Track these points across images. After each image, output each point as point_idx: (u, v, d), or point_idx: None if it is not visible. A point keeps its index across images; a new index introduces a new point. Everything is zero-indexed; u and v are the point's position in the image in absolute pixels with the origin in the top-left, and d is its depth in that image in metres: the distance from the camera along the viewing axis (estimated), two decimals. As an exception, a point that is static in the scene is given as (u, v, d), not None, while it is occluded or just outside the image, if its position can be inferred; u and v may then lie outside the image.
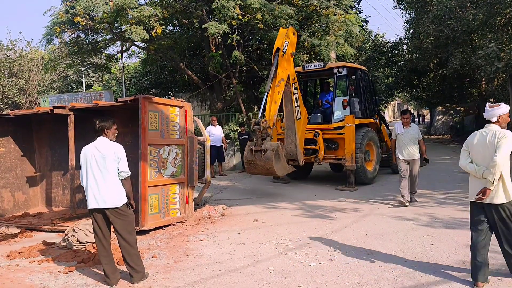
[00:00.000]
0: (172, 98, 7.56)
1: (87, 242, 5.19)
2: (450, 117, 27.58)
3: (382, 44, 27.07)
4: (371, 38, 27.63)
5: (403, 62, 25.36)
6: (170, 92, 19.56)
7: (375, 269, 4.20)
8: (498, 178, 3.59)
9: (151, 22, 11.83)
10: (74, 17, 12.05)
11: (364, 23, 19.79)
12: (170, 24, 15.53)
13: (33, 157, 7.83)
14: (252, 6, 10.94)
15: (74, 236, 5.23)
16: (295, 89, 8.54)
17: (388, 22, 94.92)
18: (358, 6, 20.92)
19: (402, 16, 63.17)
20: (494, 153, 3.58)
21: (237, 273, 4.23)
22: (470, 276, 3.85)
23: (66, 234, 5.32)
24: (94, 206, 3.94)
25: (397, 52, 25.77)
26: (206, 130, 8.27)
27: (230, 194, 9.08)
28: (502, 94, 19.26)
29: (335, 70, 9.58)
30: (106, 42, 15.19)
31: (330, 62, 12.26)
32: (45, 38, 14.14)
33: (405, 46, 25.29)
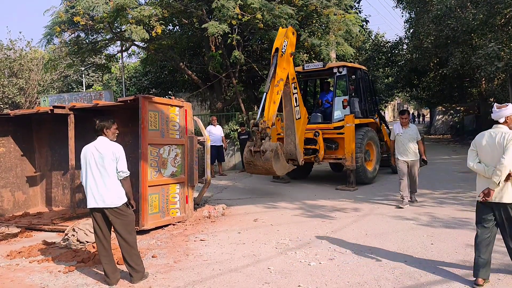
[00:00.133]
0: (172, 97, 7.56)
1: (87, 242, 5.20)
2: (450, 116, 27.61)
3: (382, 43, 27.07)
4: (371, 38, 27.63)
5: (403, 61, 25.35)
6: (170, 91, 19.57)
7: (375, 268, 4.20)
8: (503, 180, 3.61)
9: (151, 22, 11.83)
10: (74, 17, 12.05)
11: (364, 23, 19.79)
12: (170, 24, 15.53)
13: (33, 156, 7.83)
14: (252, 5, 10.94)
15: (74, 235, 5.23)
16: (295, 89, 8.54)
17: (388, 21, 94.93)
18: (358, 6, 20.94)
19: (402, 15, 63.19)
20: (502, 154, 3.59)
21: (237, 272, 4.24)
22: (470, 275, 3.86)
23: (66, 234, 5.32)
24: (93, 205, 3.95)
25: (397, 51, 25.77)
26: (206, 129, 8.28)
27: (230, 193, 9.09)
28: (502, 94, 19.26)
29: (335, 70, 9.58)
30: (106, 42, 15.19)
31: (330, 61, 12.25)
32: (45, 38, 14.13)
33: (405, 46, 25.29)
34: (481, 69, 13.40)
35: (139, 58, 22.85)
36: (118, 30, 13.84)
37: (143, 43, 14.53)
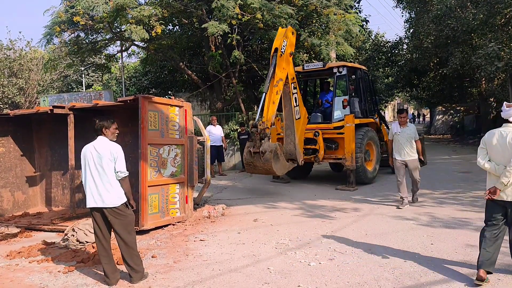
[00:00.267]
0: (172, 97, 7.56)
1: (87, 242, 5.19)
2: (450, 116, 27.61)
3: (382, 43, 27.07)
4: (371, 38, 27.62)
5: (403, 61, 25.35)
6: (170, 91, 19.57)
7: (375, 268, 4.20)
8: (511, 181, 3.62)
9: (151, 21, 11.83)
10: (74, 16, 12.05)
11: (364, 23, 19.80)
12: (170, 23, 15.52)
13: (32, 156, 7.83)
14: (252, 5, 10.93)
15: (73, 236, 5.23)
16: (294, 89, 8.54)
17: (388, 21, 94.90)
18: (358, 6, 20.94)
19: (402, 15, 63.10)
20: None
21: (236, 273, 4.23)
22: (471, 275, 3.86)
23: (66, 234, 5.32)
24: (93, 205, 3.95)
25: (397, 51, 25.77)
26: (206, 129, 8.27)
27: (230, 193, 9.08)
28: (502, 94, 19.26)
29: (335, 70, 9.58)
30: (106, 41, 15.19)
31: (330, 61, 12.25)
32: (44, 38, 14.11)
33: (405, 46, 25.30)
34: (481, 69, 13.40)
35: (139, 58, 22.87)
36: (118, 30, 13.84)
37: (143, 43, 14.53)
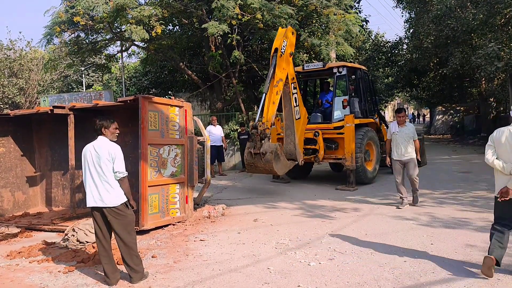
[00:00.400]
0: (172, 97, 7.57)
1: (87, 242, 5.20)
2: (450, 116, 27.61)
3: (382, 43, 27.08)
4: (371, 38, 27.63)
5: (403, 61, 25.37)
6: (170, 91, 19.57)
7: (375, 268, 4.20)
8: None
9: (151, 22, 11.83)
10: (74, 17, 12.06)
11: (364, 23, 19.81)
12: (170, 23, 15.53)
13: (33, 157, 7.83)
14: (252, 5, 10.94)
15: (74, 236, 5.24)
16: (294, 89, 8.54)
17: (388, 21, 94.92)
18: (358, 6, 20.95)
19: (402, 15, 63.14)
20: None
21: (236, 272, 4.24)
22: (470, 275, 3.88)
23: (66, 234, 5.32)
24: (92, 204, 3.96)
25: (397, 51, 25.79)
26: (206, 129, 8.28)
27: (230, 193, 9.09)
28: (502, 94, 19.28)
29: (335, 70, 9.58)
30: (106, 42, 15.20)
31: (330, 61, 12.26)
32: (45, 38, 14.14)
33: (405, 46, 25.31)
34: (481, 69, 13.40)
35: (139, 58, 22.88)
36: (118, 30, 13.85)
37: (143, 43, 14.54)
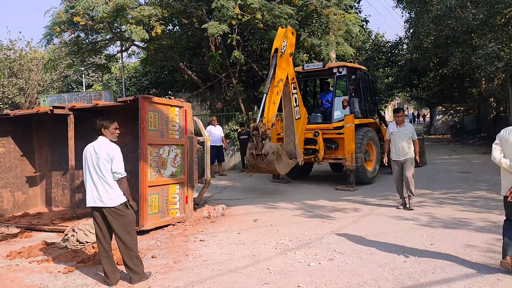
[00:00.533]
0: (172, 98, 7.58)
1: (87, 242, 5.20)
2: (450, 116, 27.61)
3: (382, 43, 27.08)
4: (371, 38, 27.63)
5: (403, 61, 25.37)
6: (170, 92, 19.56)
7: (375, 269, 4.20)
8: None
9: (151, 22, 11.83)
10: (74, 17, 12.06)
11: (364, 23, 19.81)
12: (170, 24, 15.52)
13: (33, 157, 7.83)
14: (252, 6, 10.94)
15: (74, 236, 5.24)
16: (294, 89, 8.55)
17: (388, 21, 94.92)
18: (358, 6, 20.95)
19: (402, 15, 63.13)
20: None
21: (236, 273, 4.24)
22: (470, 275, 3.88)
23: (66, 234, 5.32)
24: (92, 204, 3.97)
25: (397, 51, 25.79)
26: (206, 130, 8.28)
27: (230, 194, 9.09)
28: (502, 94, 19.27)
29: (335, 70, 9.58)
30: (106, 42, 15.20)
31: (330, 62, 12.26)
32: (45, 38, 14.13)
33: (405, 46, 25.31)
34: (481, 69, 13.40)
35: (139, 58, 22.87)
36: (118, 30, 13.85)
37: (143, 43, 14.53)
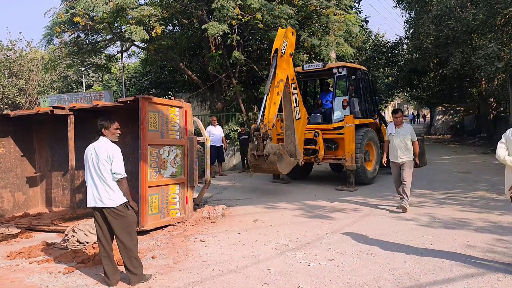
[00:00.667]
0: (172, 98, 7.59)
1: (87, 243, 5.20)
2: (450, 117, 27.60)
3: (382, 44, 27.07)
4: (371, 38, 27.63)
5: (403, 62, 25.36)
6: (170, 92, 19.56)
7: (375, 269, 4.20)
8: None
9: (151, 22, 11.83)
10: (74, 17, 12.06)
11: (364, 23, 19.82)
12: (170, 24, 15.53)
13: (33, 157, 7.84)
14: (252, 6, 10.94)
15: (74, 236, 5.24)
16: (294, 89, 8.55)
17: (388, 22, 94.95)
18: (358, 6, 20.95)
19: (402, 16, 63.19)
20: None
21: (236, 273, 4.24)
22: (470, 276, 3.88)
23: (66, 235, 5.32)
24: (92, 204, 3.97)
25: (397, 52, 25.79)
26: (206, 130, 8.28)
27: (230, 194, 9.09)
28: (502, 94, 19.28)
29: (335, 70, 9.58)
30: (106, 42, 15.20)
31: (330, 62, 12.26)
32: (45, 38, 14.13)
33: (405, 46, 25.32)
34: (481, 69, 13.39)
35: (139, 58, 22.86)
36: (118, 31, 13.85)
37: (143, 44, 14.53)
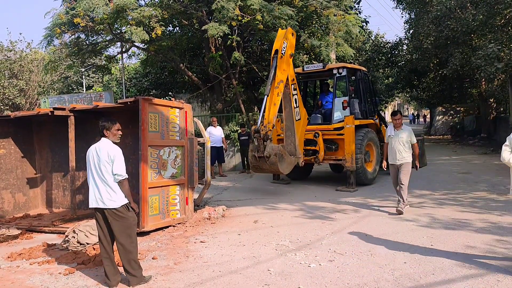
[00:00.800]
0: (172, 99, 7.60)
1: (88, 244, 5.20)
2: (450, 117, 27.60)
3: (382, 44, 27.08)
4: (371, 39, 27.63)
5: (403, 62, 25.37)
6: (170, 93, 19.58)
7: (375, 270, 4.21)
8: None
9: (151, 23, 11.84)
10: (74, 18, 12.06)
11: (364, 24, 19.80)
12: (170, 25, 15.54)
13: (33, 158, 7.85)
14: (252, 7, 10.94)
15: (74, 237, 5.25)
16: (294, 90, 8.56)
17: (388, 22, 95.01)
18: (358, 7, 20.94)
19: (402, 16, 63.27)
20: None
21: (237, 274, 4.25)
22: (470, 277, 3.88)
23: (67, 236, 5.33)
24: (94, 205, 3.98)
25: (397, 52, 25.79)
26: (206, 130, 8.30)
27: (230, 195, 9.09)
28: (502, 95, 19.28)
29: (335, 71, 9.59)
30: (106, 43, 15.20)
31: (330, 62, 12.26)
32: (45, 39, 14.11)
33: (405, 47, 25.31)
34: (481, 69, 13.39)
35: (139, 59, 22.84)
36: (118, 32, 13.86)
37: (143, 44, 14.54)
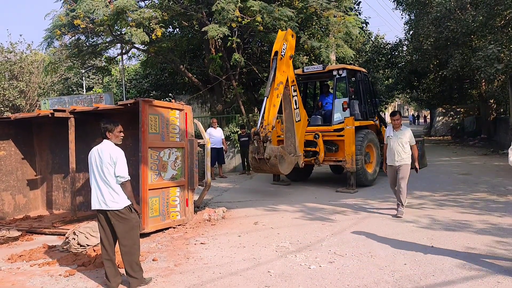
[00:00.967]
0: (172, 100, 7.60)
1: (88, 245, 5.21)
2: (450, 118, 27.61)
3: (382, 45, 27.10)
4: (371, 40, 27.66)
5: (403, 63, 25.39)
6: (170, 94, 19.58)
7: (375, 271, 4.21)
8: None
9: (151, 24, 11.86)
10: (75, 19, 12.08)
11: (364, 25, 19.83)
12: (170, 26, 15.55)
13: (33, 160, 7.85)
14: (252, 8, 10.96)
15: (75, 239, 5.25)
16: (294, 91, 8.57)
17: (388, 23, 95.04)
18: (358, 8, 20.98)
19: (402, 17, 63.34)
20: None
21: (237, 276, 4.25)
22: (470, 278, 3.88)
23: (67, 237, 5.33)
24: (97, 207, 3.99)
25: (397, 53, 25.81)
26: (206, 132, 8.31)
27: (230, 196, 9.09)
28: (502, 96, 19.28)
29: (335, 72, 9.59)
30: (106, 44, 15.21)
31: (330, 64, 12.28)
32: (45, 41, 14.13)
33: (405, 48, 25.33)
34: (481, 70, 13.39)
35: (139, 60, 22.87)
36: (118, 33, 13.87)
37: (143, 46, 14.53)
